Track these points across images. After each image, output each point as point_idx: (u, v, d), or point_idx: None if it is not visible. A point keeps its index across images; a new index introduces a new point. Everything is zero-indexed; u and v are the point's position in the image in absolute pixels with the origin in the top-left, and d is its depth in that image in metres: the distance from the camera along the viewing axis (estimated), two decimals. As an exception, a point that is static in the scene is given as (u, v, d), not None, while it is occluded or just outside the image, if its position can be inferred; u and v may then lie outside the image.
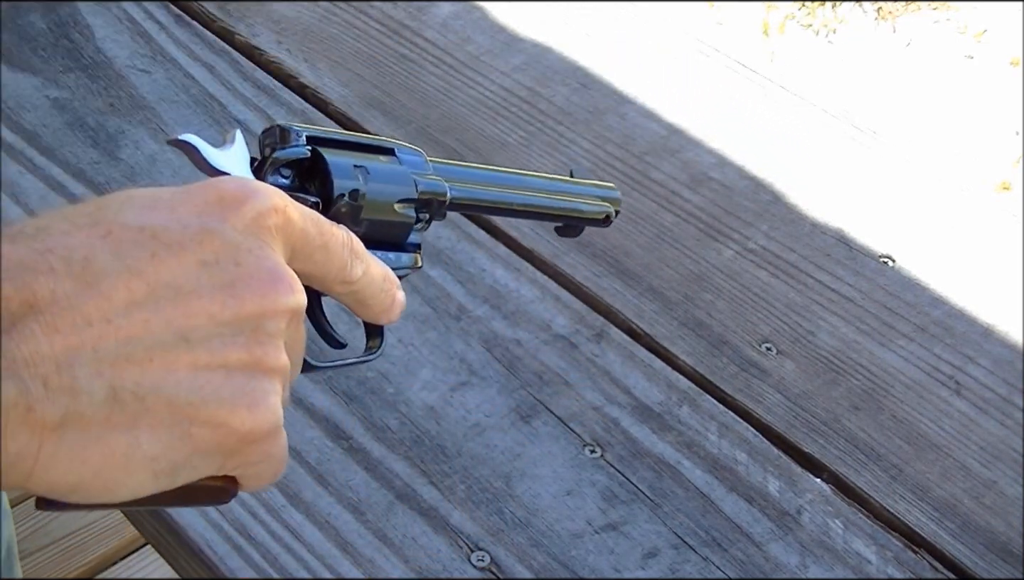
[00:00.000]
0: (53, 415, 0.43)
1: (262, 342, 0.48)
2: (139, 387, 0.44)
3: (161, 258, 0.46)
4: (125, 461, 0.45)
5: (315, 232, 0.52)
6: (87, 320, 0.44)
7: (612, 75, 1.29)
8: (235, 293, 0.47)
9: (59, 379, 0.43)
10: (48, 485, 0.44)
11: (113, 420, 0.44)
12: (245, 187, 0.49)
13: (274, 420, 0.48)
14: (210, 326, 0.46)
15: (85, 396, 0.43)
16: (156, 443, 0.45)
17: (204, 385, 0.46)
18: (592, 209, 0.76)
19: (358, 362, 0.61)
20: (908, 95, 2.70)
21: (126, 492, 0.46)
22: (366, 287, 0.55)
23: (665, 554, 0.88)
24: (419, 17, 1.33)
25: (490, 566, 0.86)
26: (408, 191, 0.61)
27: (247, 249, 0.48)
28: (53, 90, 1.18)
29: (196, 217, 0.47)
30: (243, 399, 0.47)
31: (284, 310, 0.48)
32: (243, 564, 0.85)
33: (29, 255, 0.44)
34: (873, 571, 0.88)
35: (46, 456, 0.43)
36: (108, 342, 0.44)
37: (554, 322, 1.03)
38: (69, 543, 1.70)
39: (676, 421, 0.97)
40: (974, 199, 1.20)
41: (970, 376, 1.03)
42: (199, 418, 0.46)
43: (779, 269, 1.10)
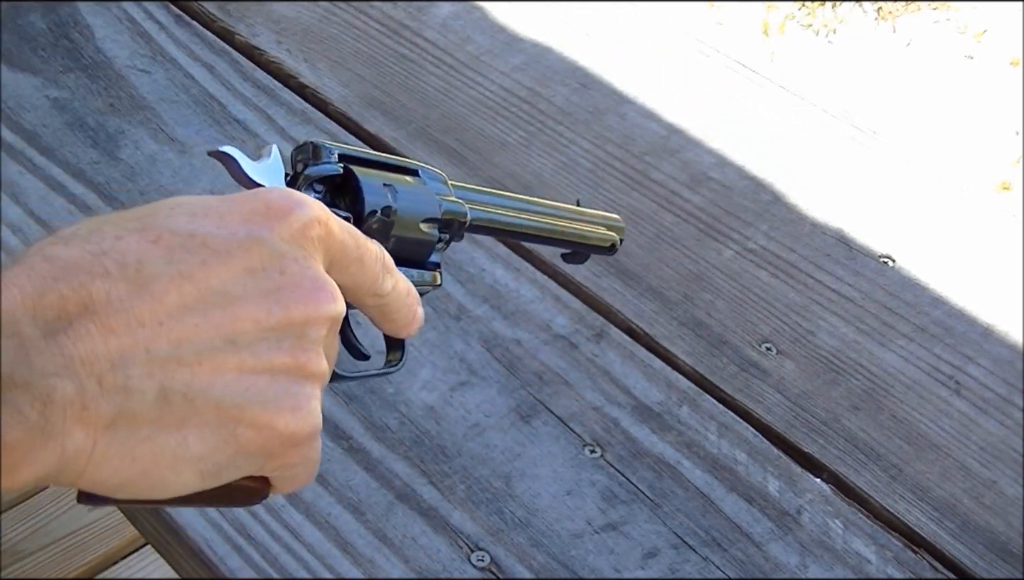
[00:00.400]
0: (107, 413, 0.44)
1: (305, 348, 0.49)
2: (189, 389, 0.46)
3: (210, 265, 0.47)
4: (173, 460, 0.46)
5: (352, 245, 0.54)
6: (140, 322, 0.45)
7: (612, 75, 1.29)
8: (280, 300, 0.49)
9: (113, 378, 0.44)
10: (98, 483, 0.45)
11: (163, 420, 0.46)
12: (290, 198, 0.51)
13: (315, 423, 0.50)
14: (256, 331, 0.48)
15: (137, 395, 0.45)
16: (203, 443, 0.47)
17: (250, 387, 0.48)
18: (598, 236, 0.79)
19: (380, 374, 0.64)
20: (908, 95, 2.70)
21: (172, 490, 0.47)
22: (393, 301, 0.58)
23: (665, 554, 0.88)
24: (419, 17, 1.33)
25: (490, 566, 0.86)
26: (433, 211, 0.64)
27: (292, 258, 0.49)
28: (53, 90, 1.18)
29: (243, 226, 0.49)
30: (287, 402, 0.49)
31: (326, 318, 0.50)
32: (243, 564, 0.85)
33: (84, 258, 0.45)
34: (873, 571, 0.88)
35: (99, 454, 0.44)
36: (160, 344, 0.45)
37: (554, 322, 1.03)
38: (69, 543, 1.69)
39: (676, 421, 0.97)
40: (974, 199, 1.20)
41: (970, 376, 1.03)
42: (245, 420, 0.48)
43: (779, 269, 1.10)
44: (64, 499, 1.74)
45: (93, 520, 1.71)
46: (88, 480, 0.45)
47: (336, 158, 0.60)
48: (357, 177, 0.60)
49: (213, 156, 0.57)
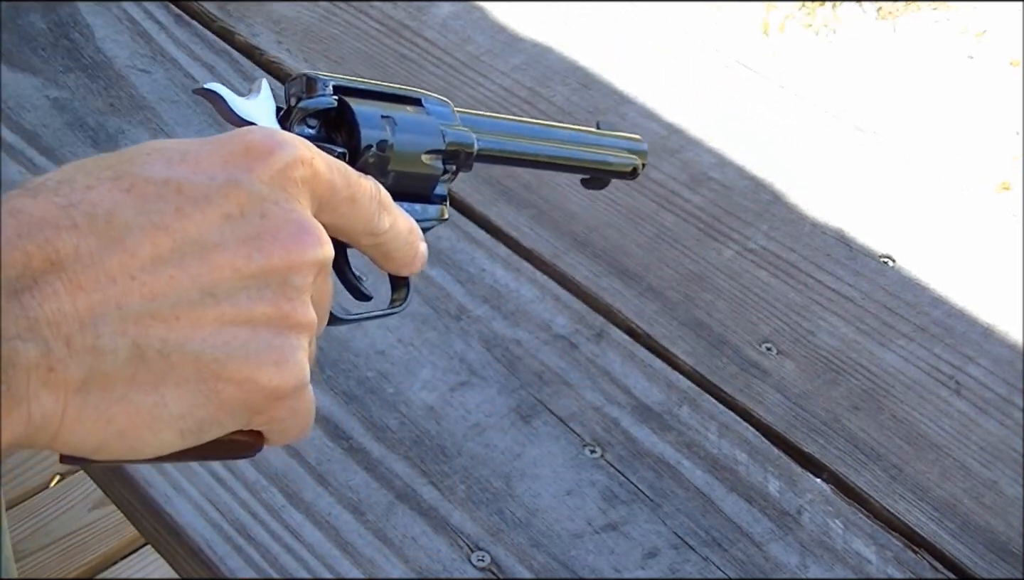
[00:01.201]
0: (76, 375, 0.42)
1: (289, 297, 0.47)
2: (165, 345, 0.44)
3: (186, 212, 0.45)
4: (151, 420, 0.44)
5: (342, 184, 0.51)
6: (111, 277, 0.43)
7: (612, 75, 1.29)
8: (261, 246, 0.46)
9: (82, 338, 0.42)
10: (73, 446, 0.44)
11: (138, 379, 0.43)
12: (272, 138, 0.49)
13: (301, 376, 0.48)
14: (236, 280, 0.45)
15: (109, 355, 0.43)
16: (182, 401, 0.45)
17: (230, 341, 0.45)
18: (619, 161, 0.75)
19: (384, 314, 0.60)
20: (908, 95, 2.70)
21: (152, 450, 0.45)
22: (392, 240, 0.55)
23: (665, 554, 0.88)
24: (419, 17, 1.33)
25: (490, 566, 0.86)
26: (435, 142, 0.61)
27: (273, 201, 0.47)
28: (53, 90, 1.18)
29: (222, 169, 0.47)
30: (270, 355, 0.46)
31: (311, 263, 0.48)
32: (243, 564, 0.85)
33: (51, 211, 0.43)
34: (873, 571, 0.88)
35: (70, 417, 0.42)
36: (133, 299, 0.43)
37: (554, 322, 1.03)
38: (69, 543, 1.70)
39: (676, 421, 0.97)
40: (974, 199, 1.20)
41: (970, 376, 1.03)
42: (225, 375, 0.45)
43: (779, 269, 1.10)
44: (64, 499, 1.74)
45: (93, 520, 1.71)
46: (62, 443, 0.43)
47: (331, 90, 0.57)
48: (352, 109, 0.57)
49: (199, 94, 0.55)
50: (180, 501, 0.88)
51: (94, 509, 1.73)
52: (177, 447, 0.46)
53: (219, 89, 0.54)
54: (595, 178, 0.76)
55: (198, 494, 0.88)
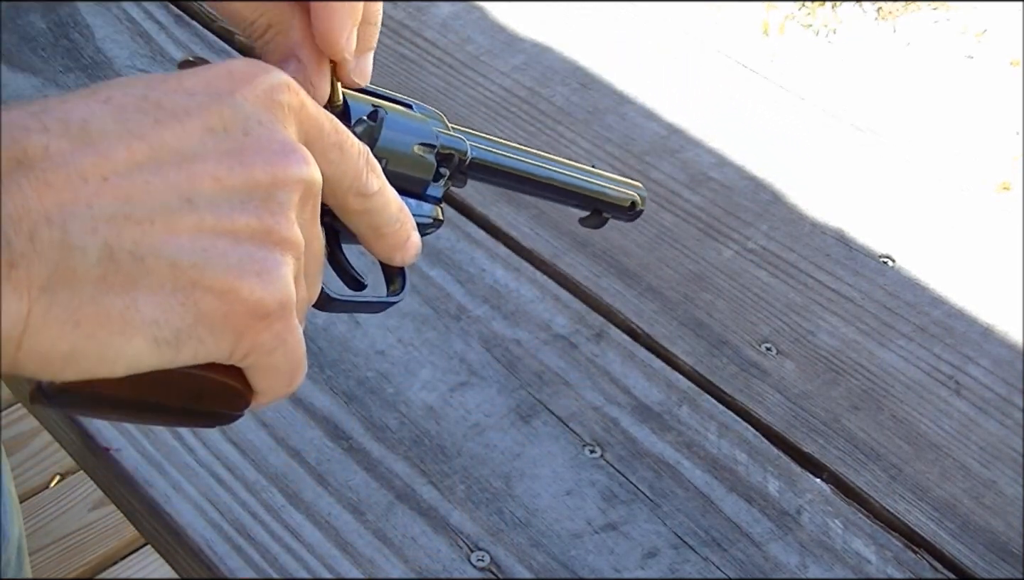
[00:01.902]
0: (40, 273, 0.40)
1: (273, 211, 0.45)
2: (138, 247, 0.42)
3: (165, 124, 0.43)
4: (122, 323, 0.42)
5: (330, 127, 0.49)
6: (83, 177, 0.41)
7: (612, 75, 1.29)
8: (243, 160, 0.45)
9: (48, 233, 0.40)
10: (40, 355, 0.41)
11: (108, 280, 0.41)
12: (256, 64, 0.47)
13: (286, 293, 0.46)
14: (216, 191, 0.44)
15: (78, 252, 0.40)
16: (156, 307, 0.43)
17: (209, 248, 0.43)
18: (618, 194, 0.73)
19: (379, 303, 0.59)
20: (908, 95, 2.70)
21: (124, 361, 0.43)
22: (382, 208, 0.53)
23: (665, 554, 0.88)
24: (419, 17, 1.33)
25: (490, 566, 0.86)
26: (428, 136, 0.60)
27: (257, 120, 0.46)
28: (53, 90, 1.18)
29: (204, 88, 0.45)
30: (252, 266, 0.44)
31: (296, 180, 0.46)
32: (243, 564, 0.85)
33: (22, 117, 0.41)
34: (873, 571, 0.88)
35: (36, 319, 0.40)
36: (105, 199, 0.41)
37: (554, 322, 1.03)
38: (69, 543, 1.70)
39: (676, 421, 0.97)
40: (974, 199, 1.20)
41: (970, 376, 1.03)
42: (204, 282, 0.43)
43: (779, 269, 1.10)
44: (64, 499, 1.74)
45: (93, 520, 1.72)
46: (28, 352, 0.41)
47: None
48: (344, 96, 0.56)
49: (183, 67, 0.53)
50: (180, 501, 0.88)
51: (94, 509, 1.73)
52: (152, 360, 0.43)
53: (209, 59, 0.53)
54: (593, 213, 0.74)
55: (198, 494, 0.88)
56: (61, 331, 0.41)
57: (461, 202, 1.12)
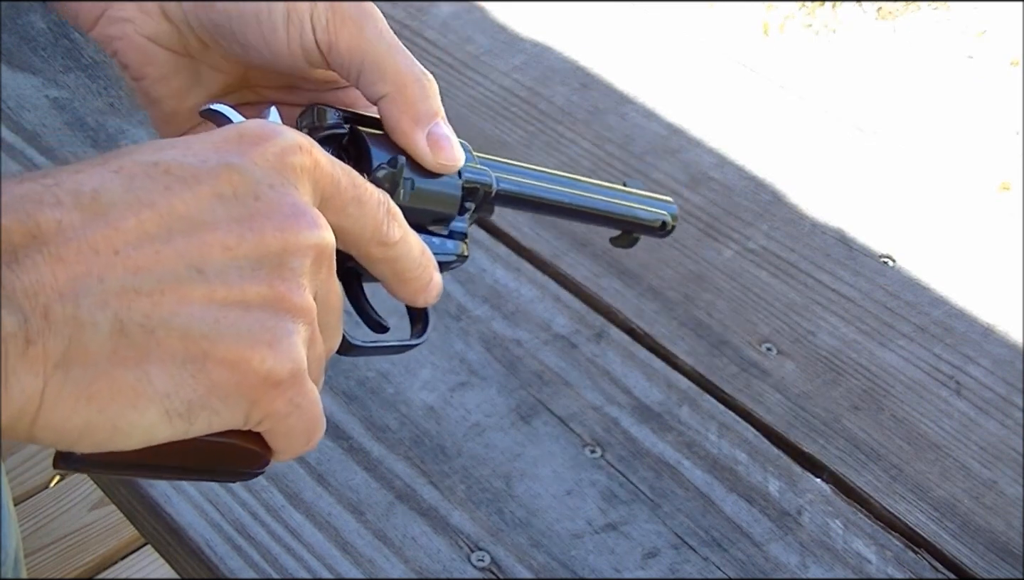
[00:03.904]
0: (55, 349, 0.40)
1: (284, 278, 0.45)
2: (148, 320, 0.42)
3: (175, 191, 0.43)
4: (134, 397, 0.42)
5: (347, 182, 0.49)
6: (94, 250, 0.41)
7: (612, 75, 1.29)
8: (254, 226, 0.44)
9: (62, 310, 0.40)
10: (54, 430, 0.42)
11: (120, 354, 0.42)
12: (267, 125, 0.47)
13: (297, 361, 0.45)
14: (227, 259, 0.43)
15: (90, 328, 0.41)
16: (168, 379, 0.43)
17: (220, 319, 0.43)
18: (648, 216, 0.71)
19: (402, 346, 0.59)
20: (908, 95, 2.70)
21: (138, 434, 0.43)
22: (405, 255, 0.52)
23: (665, 554, 0.88)
24: (419, 17, 1.33)
25: (490, 566, 0.86)
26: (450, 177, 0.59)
27: (268, 184, 0.45)
28: (53, 90, 1.18)
29: (214, 153, 0.45)
30: (263, 335, 0.44)
31: (307, 246, 0.46)
32: (243, 564, 0.85)
33: (35, 189, 0.42)
34: (873, 571, 0.88)
35: (50, 395, 0.41)
36: (116, 272, 0.41)
37: (554, 322, 1.03)
38: (69, 543, 1.70)
39: (676, 421, 0.97)
40: (974, 199, 1.20)
41: (970, 376, 1.03)
42: (215, 354, 0.43)
43: (779, 269, 1.10)
44: (64, 499, 1.74)
45: (93, 520, 1.71)
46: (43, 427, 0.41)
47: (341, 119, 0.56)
48: (364, 137, 0.56)
49: (204, 116, 0.54)
50: (180, 501, 0.88)
51: (94, 509, 1.73)
52: (165, 432, 0.43)
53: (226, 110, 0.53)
54: (624, 234, 0.73)
55: (198, 494, 0.88)
56: (75, 406, 0.41)
57: (461, 202, 1.12)
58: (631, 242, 0.74)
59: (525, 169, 0.66)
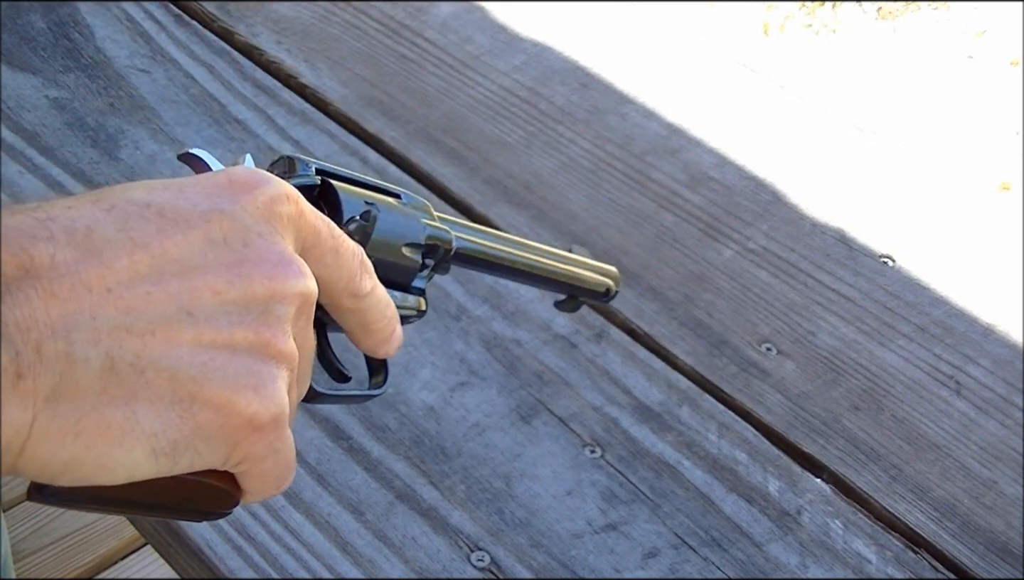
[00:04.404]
0: (46, 384, 0.41)
1: (270, 324, 0.46)
2: (138, 359, 0.43)
3: (167, 233, 0.44)
4: (121, 435, 0.43)
5: (327, 233, 0.51)
6: (87, 287, 0.42)
7: (612, 75, 1.29)
8: (243, 273, 0.45)
9: (54, 345, 0.41)
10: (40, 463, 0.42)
11: (110, 392, 0.42)
12: (257, 174, 0.48)
13: (280, 406, 0.47)
14: (216, 304, 0.45)
15: (81, 364, 0.41)
16: (155, 419, 0.43)
17: (208, 362, 0.44)
18: (593, 280, 0.76)
19: (363, 395, 0.61)
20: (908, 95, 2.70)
21: (123, 471, 0.44)
22: (372, 307, 0.54)
23: (665, 554, 0.88)
24: (419, 17, 1.33)
25: (490, 566, 0.86)
26: (415, 232, 0.61)
27: (257, 233, 0.47)
28: (53, 90, 1.18)
29: (206, 198, 0.46)
30: (249, 380, 0.45)
31: (293, 294, 0.47)
32: (243, 564, 0.85)
33: (28, 222, 0.42)
34: (873, 571, 0.88)
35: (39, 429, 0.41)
36: (108, 310, 0.42)
37: (554, 322, 1.03)
38: (69, 543, 1.69)
39: (676, 421, 0.97)
40: (974, 199, 1.20)
41: (970, 376, 1.03)
42: (202, 396, 0.44)
43: (779, 269, 1.10)
44: (64, 499, 1.74)
45: (93, 520, 1.71)
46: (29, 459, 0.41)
47: (313, 171, 0.58)
48: (335, 190, 0.57)
49: (182, 160, 0.55)
50: (180, 501, 0.87)
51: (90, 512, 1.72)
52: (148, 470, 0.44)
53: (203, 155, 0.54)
54: (569, 298, 0.78)
55: (198, 494, 0.88)
56: (62, 441, 0.42)
57: (461, 202, 1.12)
58: (576, 306, 0.79)
59: (481, 231, 0.69)
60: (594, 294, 0.77)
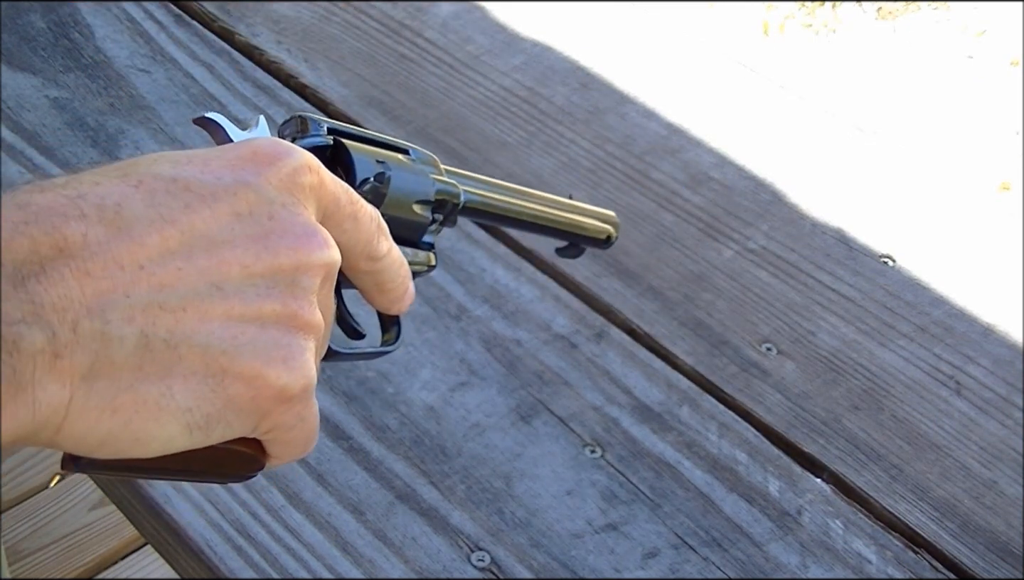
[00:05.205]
0: (82, 362, 0.41)
1: (297, 296, 0.47)
2: (172, 335, 0.43)
3: (195, 208, 0.45)
4: (157, 411, 0.44)
5: (346, 200, 0.51)
6: (119, 265, 0.43)
7: (612, 75, 1.29)
8: (269, 245, 0.46)
9: (90, 324, 0.41)
10: (77, 439, 0.43)
11: (145, 369, 0.43)
12: (279, 145, 0.49)
13: (309, 377, 0.48)
14: (244, 277, 0.46)
15: (116, 342, 0.42)
16: (189, 393, 0.44)
17: (239, 335, 0.45)
18: (594, 228, 0.78)
19: (379, 353, 0.62)
20: (908, 95, 2.70)
21: (157, 445, 0.45)
22: (388, 268, 0.55)
23: (665, 554, 0.88)
24: (419, 17, 1.33)
25: (490, 566, 0.86)
26: (426, 191, 0.62)
27: (281, 204, 0.47)
28: (53, 90, 1.18)
29: (230, 171, 0.47)
30: (278, 352, 0.46)
31: (319, 265, 0.48)
32: (243, 564, 0.85)
33: (59, 201, 0.43)
34: (873, 571, 0.88)
35: (76, 406, 0.42)
36: (141, 288, 0.43)
37: (554, 322, 1.03)
38: (69, 543, 1.70)
39: (676, 421, 0.97)
40: (974, 199, 1.20)
41: (970, 376, 1.03)
42: (233, 370, 0.45)
43: (779, 269, 1.10)
44: (64, 499, 1.74)
45: (93, 520, 1.71)
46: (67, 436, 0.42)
47: (325, 131, 0.58)
48: (348, 150, 0.58)
49: (198, 123, 0.56)
50: (180, 501, 0.88)
51: (94, 509, 1.73)
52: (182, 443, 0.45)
53: (219, 119, 0.55)
54: (571, 245, 0.79)
55: (198, 494, 0.88)
56: (99, 417, 0.43)
57: (461, 202, 1.12)
58: (578, 253, 0.80)
59: (487, 182, 0.70)
60: (596, 242, 0.78)
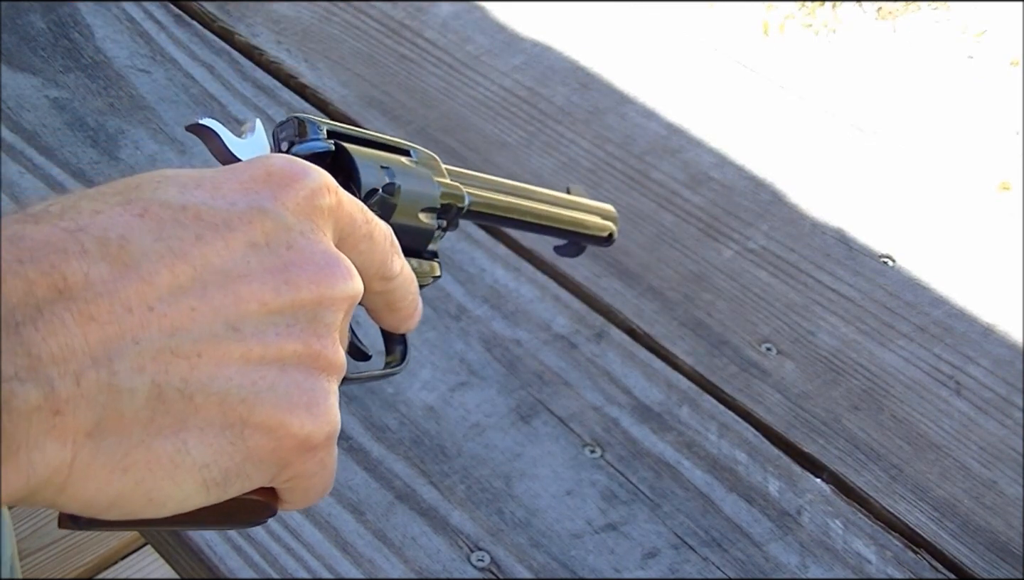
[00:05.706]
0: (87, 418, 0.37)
1: (320, 334, 0.43)
2: (186, 384, 0.39)
3: (207, 240, 0.41)
4: (172, 468, 0.39)
5: (361, 219, 0.47)
6: (127, 307, 0.38)
7: (612, 75, 1.29)
8: (289, 279, 0.42)
9: (95, 375, 0.37)
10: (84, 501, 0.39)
11: (157, 422, 0.39)
12: (295, 164, 0.45)
13: (334, 423, 0.44)
14: (262, 314, 0.41)
15: (126, 395, 0.38)
16: (206, 448, 0.40)
17: (258, 381, 0.41)
18: (595, 225, 0.76)
19: (384, 375, 0.58)
20: (908, 95, 2.70)
21: (172, 505, 0.41)
22: (400, 287, 0.51)
23: (665, 554, 0.88)
24: (419, 17, 1.33)
25: (490, 566, 0.86)
26: (432, 195, 0.59)
27: (299, 232, 0.43)
28: (53, 90, 1.18)
29: (243, 196, 0.42)
30: (301, 398, 0.42)
31: (342, 298, 0.44)
32: (243, 564, 0.85)
33: (56, 234, 0.38)
34: (873, 571, 0.88)
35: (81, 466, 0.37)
36: (151, 332, 0.38)
37: (554, 322, 1.03)
38: (69, 543, 1.69)
39: (676, 421, 0.97)
40: (974, 199, 1.20)
41: (970, 376, 1.03)
42: (253, 420, 0.41)
43: (779, 269, 1.10)
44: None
45: (93, 520, 1.71)
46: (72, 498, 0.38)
47: (325, 134, 0.54)
48: (351, 155, 0.54)
49: (191, 130, 0.51)
50: (180, 501, 0.87)
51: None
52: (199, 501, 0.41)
53: (215, 126, 0.51)
54: (571, 244, 0.77)
55: (198, 494, 0.88)
56: (108, 478, 0.38)
57: (461, 202, 1.12)
58: (579, 251, 0.78)
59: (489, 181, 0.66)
60: (597, 239, 0.76)
